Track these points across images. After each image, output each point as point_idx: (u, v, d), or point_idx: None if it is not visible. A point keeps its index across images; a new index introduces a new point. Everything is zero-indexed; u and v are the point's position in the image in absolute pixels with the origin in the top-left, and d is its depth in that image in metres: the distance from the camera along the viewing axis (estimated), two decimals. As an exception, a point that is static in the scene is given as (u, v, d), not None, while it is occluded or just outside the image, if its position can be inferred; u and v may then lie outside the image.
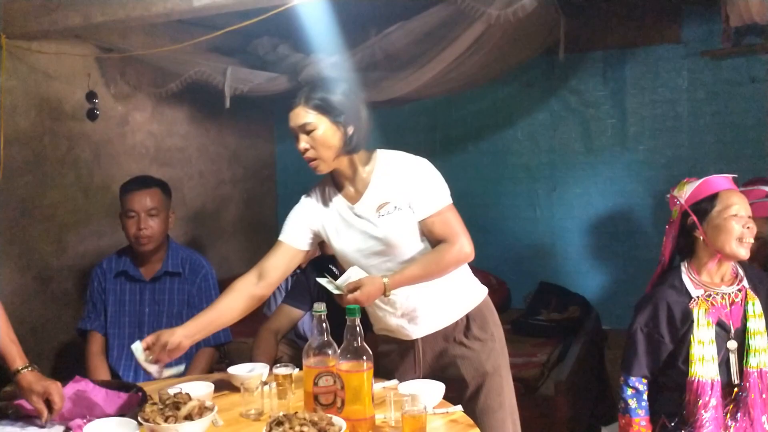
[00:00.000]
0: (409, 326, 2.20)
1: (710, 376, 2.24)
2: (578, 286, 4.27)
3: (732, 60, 3.98)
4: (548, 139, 4.45)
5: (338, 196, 2.19)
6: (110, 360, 2.88)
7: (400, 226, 2.10)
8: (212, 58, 3.71)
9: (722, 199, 2.30)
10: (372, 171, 2.14)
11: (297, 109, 2.07)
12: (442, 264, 2.09)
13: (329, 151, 2.08)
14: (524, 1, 2.79)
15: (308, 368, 1.88)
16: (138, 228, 2.80)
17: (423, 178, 2.12)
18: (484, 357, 2.20)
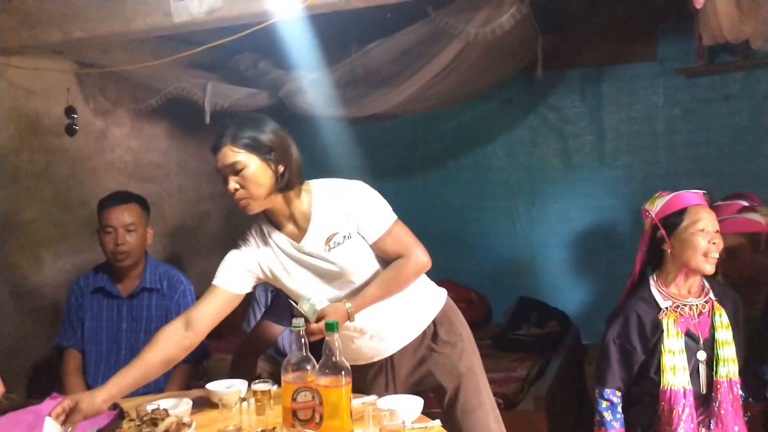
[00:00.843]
0: (380, 345, 2.20)
1: (682, 385, 2.28)
2: (558, 301, 4.30)
3: (706, 78, 4.06)
4: (527, 155, 4.50)
5: (280, 236, 2.12)
6: (87, 377, 2.86)
7: (353, 254, 2.08)
8: (192, 74, 3.71)
9: (690, 214, 2.35)
10: (311, 204, 2.09)
11: (224, 149, 2.00)
12: (401, 279, 2.11)
13: (260, 189, 2.00)
14: (502, 19, 2.83)
15: (287, 384, 1.87)
16: (115, 243, 2.78)
17: (364, 202, 2.09)
18: (456, 358, 2.22)
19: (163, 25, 2.88)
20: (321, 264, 2.09)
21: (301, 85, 3.53)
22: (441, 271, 2.29)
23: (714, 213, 2.43)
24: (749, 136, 3.99)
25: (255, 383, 2.12)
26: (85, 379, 2.85)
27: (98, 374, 2.84)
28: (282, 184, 2.04)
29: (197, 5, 2.80)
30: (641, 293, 2.43)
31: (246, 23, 2.86)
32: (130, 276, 2.88)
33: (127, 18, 2.93)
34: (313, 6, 2.66)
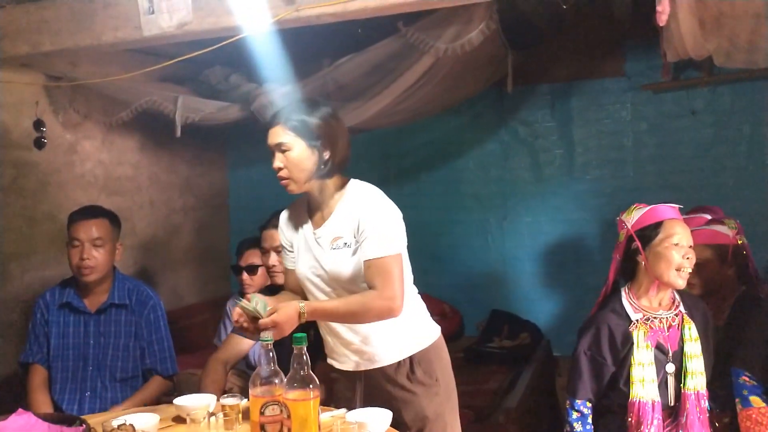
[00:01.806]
0: (353, 358, 2.21)
1: (651, 397, 2.31)
2: (529, 314, 4.33)
3: (673, 93, 4.13)
4: (499, 168, 4.53)
5: (306, 216, 2.21)
6: (54, 393, 2.82)
7: (344, 263, 2.09)
8: (163, 87, 3.71)
9: (666, 228, 2.39)
10: (339, 201, 2.14)
11: (275, 128, 2.08)
12: (364, 308, 2.04)
13: (302, 173, 2.08)
14: (471, 35, 2.87)
15: (255, 398, 1.86)
16: (80, 258, 2.75)
17: (377, 222, 2.07)
18: (426, 402, 2.18)
19: (134, 39, 2.89)
20: (320, 257, 2.13)
21: (272, 99, 3.54)
22: (414, 284, 2.29)
23: (689, 228, 2.47)
24: (714, 150, 4.06)
25: (223, 397, 2.11)
26: (52, 396, 2.81)
27: (65, 390, 2.81)
28: (324, 171, 2.09)
29: (167, 19, 2.81)
30: (613, 305, 2.46)
31: (217, 37, 2.88)
32: (97, 291, 2.85)
33: (96, 31, 2.93)
34: (283, 21, 2.68)
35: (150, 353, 2.89)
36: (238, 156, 5.14)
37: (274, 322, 1.92)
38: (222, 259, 4.98)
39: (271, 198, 4.85)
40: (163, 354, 2.92)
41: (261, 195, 5.04)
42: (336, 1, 2.61)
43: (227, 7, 2.74)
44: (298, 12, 2.67)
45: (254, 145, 4.94)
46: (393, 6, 2.57)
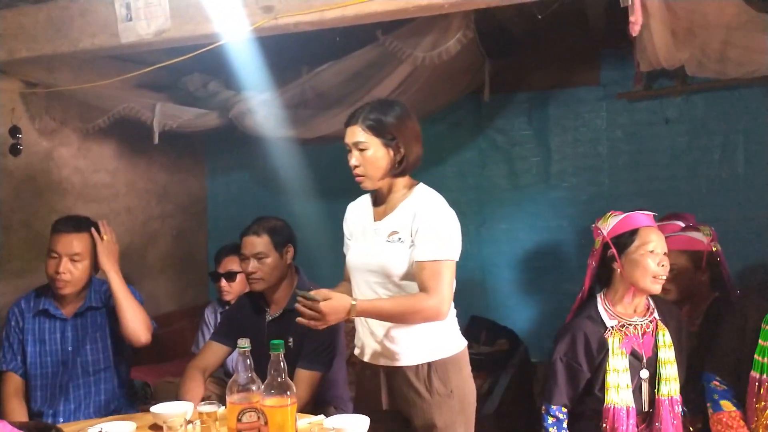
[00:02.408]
0: (375, 349, 2.25)
1: (625, 403, 2.34)
2: (507, 320, 4.36)
3: (647, 102, 4.18)
4: (476, 176, 4.56)
5: (369, 208, 2.32)
6: (32, 401, 2.79)
7: (396, 257, 2.16)
8: (141, 94, 3.69)
9: (641, 236, 2.43)
10: (403, 199, 2.23)
11: (353, 127, 2.19)
12: (413, 309, 2.11)
13: (377, 171, 2.19)
14: (449, 44, 2.90)
15: (232, 404, 1.87)
16: (56, 270, 2.72)
17: (435, 224, 2.15)
18: (437, 411, 2.19)
19: (111, 45, 2.89)
20: (374, 248, 2.21)
21: (251, 106, 3.55)
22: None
23: (663, 236, 2.51)
24: (688, 158, 4.12)
25: (201, 405, 2.11)
26: (30, 404, 2.79)
27: (45, 397, 2.79)
28: (398, 170, 2.21)
29: (145, 26, 2.81)
30: (588, 311, 2.49)
31: (195, 44, 2.88)
32: (73, 300, 2.83)
33: (73, 38, 2.92)
34: (261, 28, 2.69)
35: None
36: (216, 163, 5.13)
37: (321, 310, 1.99)
38: (200, 266, 4.96)
39: (249, 205, 4.90)
40: None
41: (239, 202, 5.05)
42: (313, 10, 2.63)
43: (205, 14, 2.74)
44: (276, 20, 2.68)
45: (233, 152, 4.97)
46: (370, 15, 2.58)
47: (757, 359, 2.43)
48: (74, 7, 2.92)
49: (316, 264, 3.51)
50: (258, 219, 2.81)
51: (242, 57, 3.10)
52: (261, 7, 2.68)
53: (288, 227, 2.83)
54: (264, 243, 2.72)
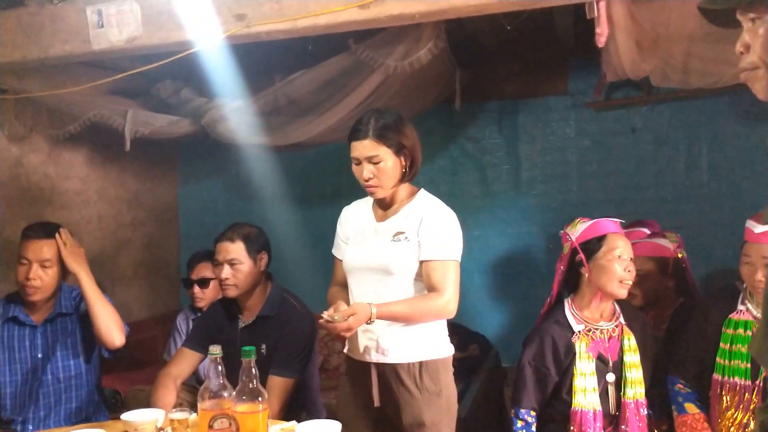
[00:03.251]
0: (369, 349, 2.29)
1: (592, 406, 2.39)
2: (479, 325, 4.39)
3: (614, 112, 4.27)
4: (448, 183, 4.60)
5: (370, 210, 2.39)
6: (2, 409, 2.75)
7: (401, 255, 2.23)
8: (112, 101, 3.67)
9: (609, 242, 2.48)
10: (406, 202, 2.31)
11: (365, 141, 2.23)
12: (426, 309, 2.21)
13: (391, 181, 2.26)
14: (420, 53, 2.94)
15: (203, 411, 1.87)
16: (26, 277, 2.70)
17: (441, 225, 2.25)
18: (426, 408, 2.24)
19: (82, 52, 2.88)
20: (378, 248, 2.27)
21: (223, 113, 3.55)
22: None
23: (630, 242, 2.57)
24: (653, 166, 4.21)
25: (172, 412, 2.11)
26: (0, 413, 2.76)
27: (14, 405, 2.75)
28: (407, 178, 2.31)
29: (117, 33, 2.81)
30: (556, 316, 2.54)
31: (167, 52, 2.88)
32: (43, 308, 2.80)
33: (44, 44, 2.91)
34: (234, 36, 2.71)
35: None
36: (188, 170, 5.11)
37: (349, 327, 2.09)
38: (171, 273, 4.94)
39: (221, 212, 4.90)
40: None
41: (211, 209, 5.03)
42: (286, 18, 2.65)
43: (177, 22, 2.75)
44: (249, 28, 2.70)
45: (205, 159, 4.96)
46: (342, 24, 2.61)
47: (719, 362, 2.50)
48: (44, 13, 2.91)
49: (289, 271, 3.52)
50: (232, 225, 2.81)
51: (215, 64, 3.11)
52: (234, 15, 2.70)
53: (263, 234, 2.84)
54: (238, 249, 2.73)
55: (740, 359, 2.46)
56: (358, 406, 2.36)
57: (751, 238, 2.46)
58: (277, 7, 2.65)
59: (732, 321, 2.50)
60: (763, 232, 2.40)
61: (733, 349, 2.48)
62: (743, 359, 2.45)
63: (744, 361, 2.45)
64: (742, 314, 2.49)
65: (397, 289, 2.26)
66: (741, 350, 2.46)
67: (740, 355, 2.46)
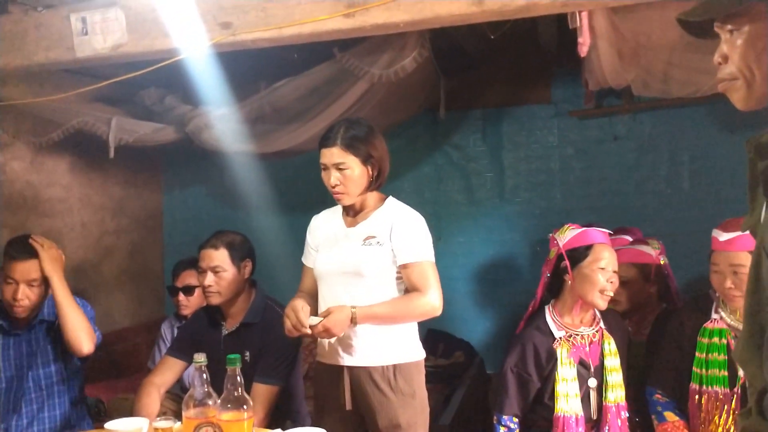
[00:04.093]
0: (341, 352, 2.31)
1: (574, 411, 2.41)
2: (463, 332, 4.41)
3: (597, 120, 4.31)
4: (433, 191, 4.62)
5: (340, 217, 2.44)
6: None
7: (373, 258, 2.27)
8: (96, 108, 3.66)
9: (595, 252, 2.51)
10: (376, 208, 2.36)
11: (333, 149, 2.29)
12: (409, 308, 2.27)
13: (357, 188, 2.32)
14: (405, 62, 2.96)
15: (188, 419, 1.87)
16: (14, 297, 2.67)
17: (409, 229, 2.31)
18: (401, 410, 2.27)
19: (66, 59, 2.87)
20: (349, 252, 2.31)
21: (208, 121, 3.55)
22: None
23: (615, 254, 2.59)
24: (636, 174, 4.25)
25: (156, 420, 2.10)
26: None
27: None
28: (374, 186, 2.36)
29: (101, 40, 2.81)
30: (537, 323, 2.56)
31: (151, 60, 2.88)
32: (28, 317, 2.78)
33: (28, 51, 2.90)
34: (219, 44, 2.72)
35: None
36: (173, 177, 5.09)
37: (325, 328, 2.14)
38: (155, 281, 4.91)
39: (205, 219, 4.88)
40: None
41: (196, 216, 5.02)
42: (271, 27, 2.66)
43: (163, 29, 2.75)
44: (234, 36, 2.70)
45: (189, 167, 4.95)
46: (328, 33, 2.63)
47: (696, 371, 2.49)
48: (28, 20, 2.90)
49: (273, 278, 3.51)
50: (217, 233, 2.82)
51: (199, 72, 3.11)
52: (219, 24, 2.71)
53: (247, 242, 2.84)
54: (221, 257, 2.73)
55: (717, 368, 2.45)
56: (330, 410, 2.38)
57: (717, 247, 2.47)
58: (263, 15, 2.66)
59: (707, 330, 2.50)
60: (728, 239, 2.40)
61: (710, 358, 2.48)
62: (720, 367, 2.44)
63: (721, 369, 2.44)
64: (716, 323, 2.49)
65: (371, 292, 2.29)
66: (717, 359, 2.45)
67: (717, 363, 2.45)
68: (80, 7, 2.79)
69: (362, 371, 2.30)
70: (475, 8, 2.47)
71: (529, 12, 2.47)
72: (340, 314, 2.18)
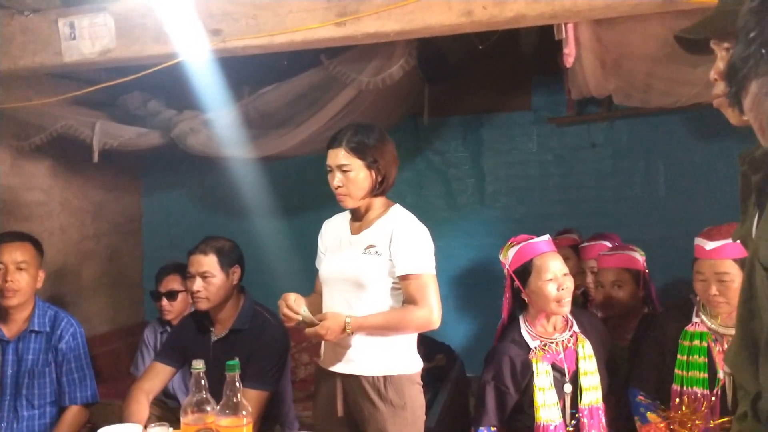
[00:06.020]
0: (335, 359, 2.33)
1: (553, 419, 2.45)
2: (444, 336, 4.43)
3: (575, 127, 4.39)
4: (415, 196, 4.65)
5: (347, 223, 2.44)
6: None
7: (371, 268, 2.27)
8: (80, 112, 3.63)
9: (535, 266, 2.54)
10: (381, 216, 2.35)
11: (336, 150, 2.31)
12: (404, 321, 2.26)
13: (359, 191, 2.32)
14: (392, 69, 3.00)
15: (186, 425, 1.87)
16: (4, 280, 2.68)
17: (410, 240, 2.29)
18: (390, 422, 2.27)
19: (53, 64, 2.86)
20: (350, 259, 2.31)
21: (193, 126, 3.54)
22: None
23: (560, 256, 2.63)
24: (613, 180, 4.34)
25: (150, 427, 2.09)
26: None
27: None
28: (378, 191, 2.36)
29: (89, 45, 2.80)
30: (513, 335, 2.59)
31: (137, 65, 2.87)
32: (16, 319, 2.77)
33: (14, 55, 2.88)
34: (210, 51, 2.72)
35: (69, 381, 2.82)
36: (152, 181, 5.06)
37: (317, 333, 2.16)
38: (134, 286, 4.88)
39: (185, 224, 4.86)
40: (84, 382, 2.86)
41: (175, 221, 4.99)
42: (262, 34, 2.68)
43: (152, 35, 2.76)
44: (225, 43, 2.72)
45: (169, 171, 4.92)
46: (319, 41, 2.66)
47: (677, 373, 2.55)
48: (15, 24, 2.88)
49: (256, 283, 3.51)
50: (206, 238, 2.82)
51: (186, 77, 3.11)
52: (209, 30, 2.72)
53: (236, 248, 2.84)
54: (210, 262, 2.73)
55: (698, 370, 2.51)
56: (327, 415, 2.39)
57: (702, 255, 2.50)
58: (253, 23, 2.68)
59: (688, 333, 2.56)
60: (714, 248, 2.45)
61: (691, 360, 2.54)
62: (700, 369, 2.51)
63: (701, 371, 2.51)
64: (697, 326, 2.55)
65: (370, 302, 2.30)
66: (698, 361, 2.51)
67: (697, 365, 2.51)
68: (68, 12, 2.78)
69: (354, 380, 2.31)
70: (465, 19, 2.52)
71: (518, 23, 2.52)
72: (333, 322, 2.19)
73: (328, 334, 2.18)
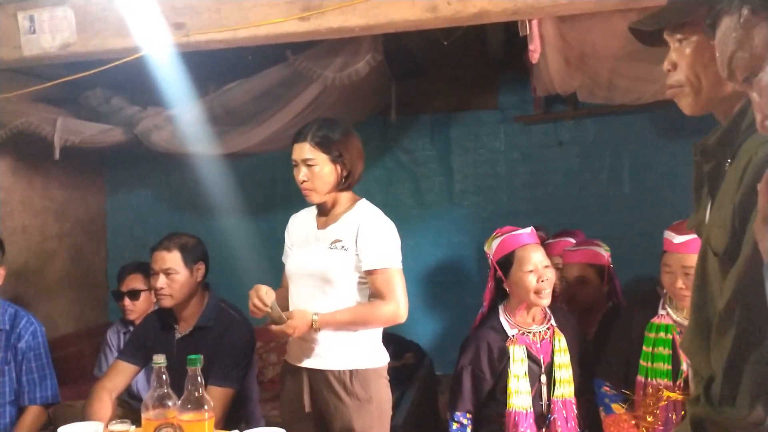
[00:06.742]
0: (302, 354, 2.33)
1: (525, 407, 2.48)
2: (413, 334, 4.44)
3: (542, 125, 4.43)
4: (383, 194, 4.65)
5: (314, 218, 2.43)
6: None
7: (337, 262, 2.26)
8: (40, 108, 3.55)
9: (517, 257, 2.58)
10: (347, 211, 2.34)
11: (302, 144, 2.30)
12: (371, 316, 2.27)
13: (325, 186, 2.31)
14: (358, 65, 2.99)
15: (147, 420, 1.85)
16: None
17: (376, 235, 2.29)
18: (356, 416, 2.27)
19: (12, 58, 2.81)
20: (316, 254, 2.31)
21: (157, 122, 3.50)
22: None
23: (542, 248, 2.66)
24: (580, 178, 4.38)
25: (112, 424, 2.06)
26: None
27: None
28: (344, 186, 2.35)
29: (49, 39, 2.75)
30: (491, 322, 2.63)
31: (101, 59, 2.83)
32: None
33: (-29, 49, 2.81)
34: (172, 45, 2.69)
35: (29, 380, 2.77)
36: (117, 180, 4.98)
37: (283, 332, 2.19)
38: (99, 286, 4.80)
39: (151, 223, 4.80)
40: (44, 381, 2.81)
41: (140, 220, 4.92)
42: (225, 28, 2.66)
43: (113, 29, 2.72)
44: (187, 37, 2.70)
45: (134, 169, 4.86)
46: (283, 35, 2.64)
47: (642, 364, 2.61)
48: (-29, 17, 2.83)
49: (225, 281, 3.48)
50: (170, 234, 2.79)
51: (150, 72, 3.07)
52: (172, 24, 2.69)
53: (200, 244, 2.82)
54: (174, 259, 2.70)
55: (662, 361, 2.56)
56: (294, 410, 2.39)
57: (670, 248, 2.56)
58: (217, 17, 2.66)
59: (654, 325, 2.61)
60: (682, 242, 2.50)
61: (655, 352, 2.59)
62: (665, 361, 2.56)
63: (665, 363, 2.56)
64: (663, 318, 2.60)
65: (337, 297, 2.30)
66: (662, 353, 2.57)
67: (662, 357, 2.57)
68: (28, 5, 2.73)
69: (320, 374, 2.31)
70: (429, 15, 2.52)
71: (481, 19, 2.54)
72: (300, 321, 2.20)
73: (296, 332, 2.20)
